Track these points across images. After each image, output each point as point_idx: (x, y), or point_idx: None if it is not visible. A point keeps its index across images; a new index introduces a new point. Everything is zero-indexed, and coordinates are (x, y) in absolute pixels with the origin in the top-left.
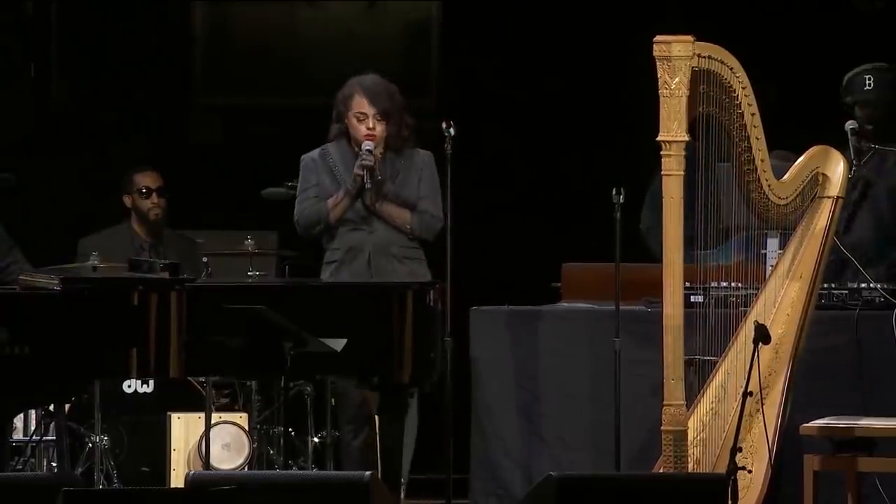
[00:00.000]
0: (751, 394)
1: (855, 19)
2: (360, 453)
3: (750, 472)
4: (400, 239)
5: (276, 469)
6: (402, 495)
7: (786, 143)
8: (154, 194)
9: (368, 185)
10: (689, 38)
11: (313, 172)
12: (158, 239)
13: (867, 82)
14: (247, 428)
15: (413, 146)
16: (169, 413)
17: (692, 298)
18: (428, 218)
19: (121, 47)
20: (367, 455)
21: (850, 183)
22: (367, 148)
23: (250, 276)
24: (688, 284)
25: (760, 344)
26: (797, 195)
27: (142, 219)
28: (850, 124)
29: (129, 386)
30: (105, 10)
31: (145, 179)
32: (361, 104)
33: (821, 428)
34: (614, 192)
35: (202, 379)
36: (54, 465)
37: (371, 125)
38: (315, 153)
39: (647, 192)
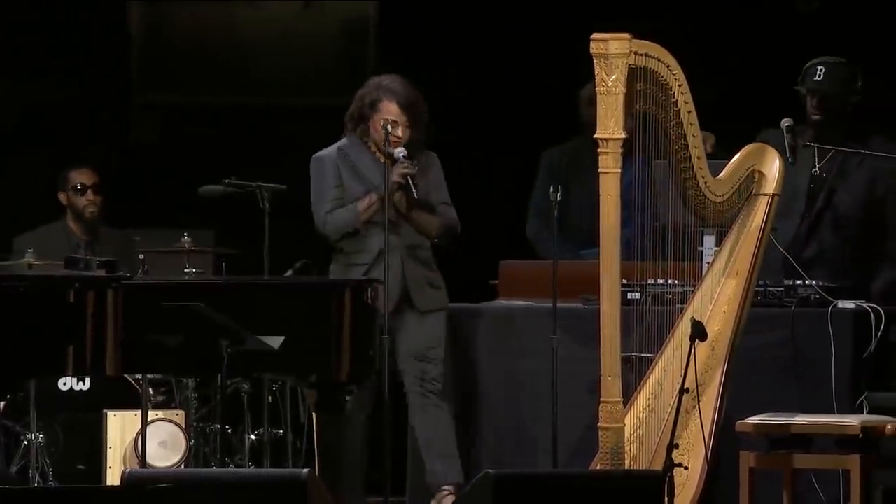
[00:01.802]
0: (687, 390)
1: (795, 19)
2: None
3: (686, 468)
4: (424, 242)
5: (212, 467)
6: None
7: (728, 142)
8: (89, 191)
9: (414, 193)
10: (626, 35)
11: (334, 174)
12: (94, 236)
13: (818, 73)
14: (183, 425)
15: (424, 148)
16: (105, 411)
17: (629, 295)
18: (452, 223)
19: (58, 45)
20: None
21: (810, 187)
22: (403, 154)
23: (187, 273)
24: (625, 282)
25: (697, 341)
26: (733, 192)
27: (77, 216)
28: (785, 121)
29: (65, 384)
30: (41, 8)
31: (80, 176)
32: (391, 110)
33: (757, 425)
34: (552, 189)
35: (139, 376)
36: None
37: (401, 133)
38: (332, 153)
39: (530, 200)
